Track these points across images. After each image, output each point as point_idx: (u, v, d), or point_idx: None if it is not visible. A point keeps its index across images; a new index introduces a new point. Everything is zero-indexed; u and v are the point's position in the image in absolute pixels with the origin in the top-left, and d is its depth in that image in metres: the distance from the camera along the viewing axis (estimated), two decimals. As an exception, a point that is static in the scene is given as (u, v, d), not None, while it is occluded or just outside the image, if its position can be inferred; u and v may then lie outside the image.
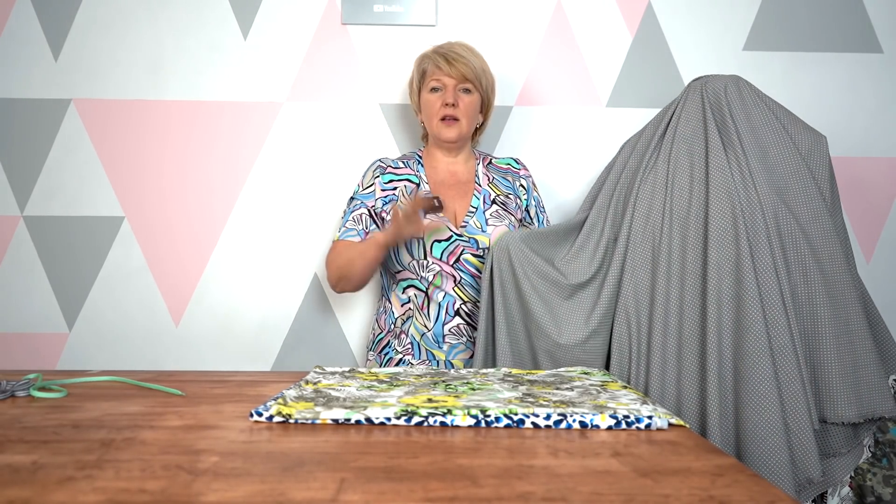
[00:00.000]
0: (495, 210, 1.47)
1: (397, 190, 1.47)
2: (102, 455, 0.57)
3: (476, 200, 1.47)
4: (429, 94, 1.48)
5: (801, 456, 1.11)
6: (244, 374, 1.05)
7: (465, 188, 1.50)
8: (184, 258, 1.76)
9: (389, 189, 1.47)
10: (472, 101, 1.48)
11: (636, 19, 1.79)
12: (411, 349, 1.40)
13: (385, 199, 1.46)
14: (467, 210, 1.46)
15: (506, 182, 1.53)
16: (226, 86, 1.77)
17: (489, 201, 1.48)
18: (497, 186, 1.51)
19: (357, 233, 1.44)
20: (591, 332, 1.26)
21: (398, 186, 1.47)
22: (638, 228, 1.31)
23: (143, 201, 1.76)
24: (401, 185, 1.48)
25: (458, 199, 1.49)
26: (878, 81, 1.78)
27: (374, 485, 0.49)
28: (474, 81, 1.46)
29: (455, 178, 1.51)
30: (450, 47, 1.48)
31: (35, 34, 1.76)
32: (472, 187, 1.51)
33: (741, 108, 1.30)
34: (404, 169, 1.51)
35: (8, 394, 0.84)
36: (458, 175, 1.52)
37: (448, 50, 1.47)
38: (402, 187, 1.47)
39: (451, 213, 1.46)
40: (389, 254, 1.42)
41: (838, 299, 1.20)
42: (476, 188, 1.50)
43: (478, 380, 0.93)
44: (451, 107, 1.44)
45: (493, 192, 1.50)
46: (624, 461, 0.56)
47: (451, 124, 1.46)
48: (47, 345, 1.76)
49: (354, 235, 1.44)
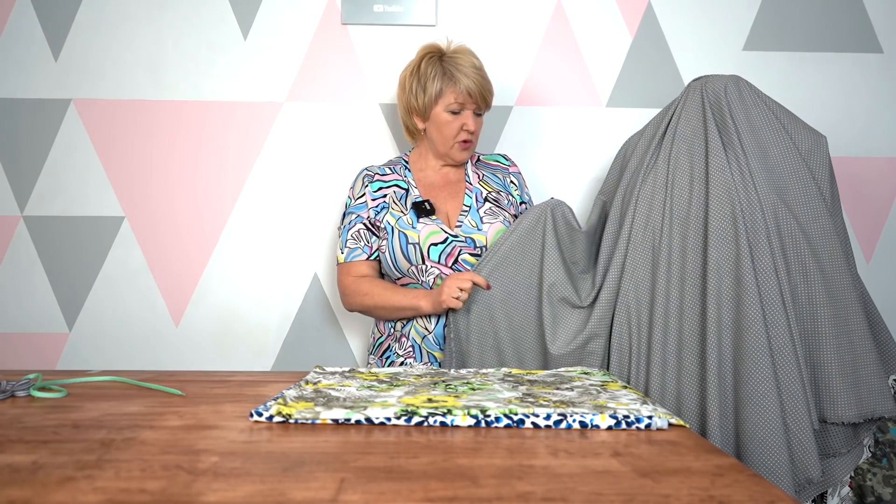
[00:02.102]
0: (489, 207, 1.46)
1: (387, 197, 1.46)
2: (102, 455, 0.57)
3: (468, 199, 1.47)
4: (446, 115, 1.44)
5: (801, 456, 1.11)
6: (244, 374, 1.05)
7: (456, 188, 1.50)
8: (184, 258, 1.76)
9: (380, 197, 1.46)
10: (482, 121, 1.50)
11: (636, 19, 1.79)
12: (412, 352, 1.39)
13: (377, 208, 1.45)
14: (460, 210, 1.46)
15: (496, 179, 1.53)
16: (226, 86, 1.77)
17: (482, 199, 1.48)
18: (488, 184, 1.51)
19: (362, 250, 1.44)
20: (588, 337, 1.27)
21: (387, 193, 1.47)
22: (638, 228, 1.31)
23: (144, 201, 1.76)
24: (390, 191, 1.47)
25: (450, 199, 1.48)
26: (877, 81, 1.78)
27: (374, 485, 0.49)
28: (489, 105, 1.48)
29: (445, 179, 1.51)
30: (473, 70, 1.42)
31: (35, 34, 1.76)
32: (462, 186, 1.50)
33: (741, 107, 1.30)
34: (392, 175, 1.50)
35: (8, 394, 0.84)
36: (448, 175, 1.52)
37: (474, 77, 1.42)
38: (392, 193, 1.47)
39: (443, 214, 1.46)
40: (387, 261, 1.42)
41: (838, 299, 1.20)
42: (467, 187, 1.49)
43: (478, 380, 0.93)
44: (470, 133, 1.45)
45: (485, 189, 1.49)
46: (624, 461, 0.56)
47: (467, 147, 1.47)
48: (47, 345, 1.76)
49: (360, 254, 1.44)
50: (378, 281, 1.43)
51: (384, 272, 1.48)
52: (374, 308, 1.41)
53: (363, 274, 1.45)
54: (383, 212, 1.45)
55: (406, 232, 1.41)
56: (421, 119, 1.48)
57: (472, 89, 1.41)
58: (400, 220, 1.42)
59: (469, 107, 1.43)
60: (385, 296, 1.39)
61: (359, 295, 1.42)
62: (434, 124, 1.46)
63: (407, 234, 1.40)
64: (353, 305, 1.45)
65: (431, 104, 1.44)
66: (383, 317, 1.44)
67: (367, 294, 1.41)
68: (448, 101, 1.42)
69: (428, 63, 1.45)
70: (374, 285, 1.41)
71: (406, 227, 1.41)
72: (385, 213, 1.44)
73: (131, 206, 1.76)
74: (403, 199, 1.46)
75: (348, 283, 1.44)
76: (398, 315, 1.40)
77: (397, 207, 1.44)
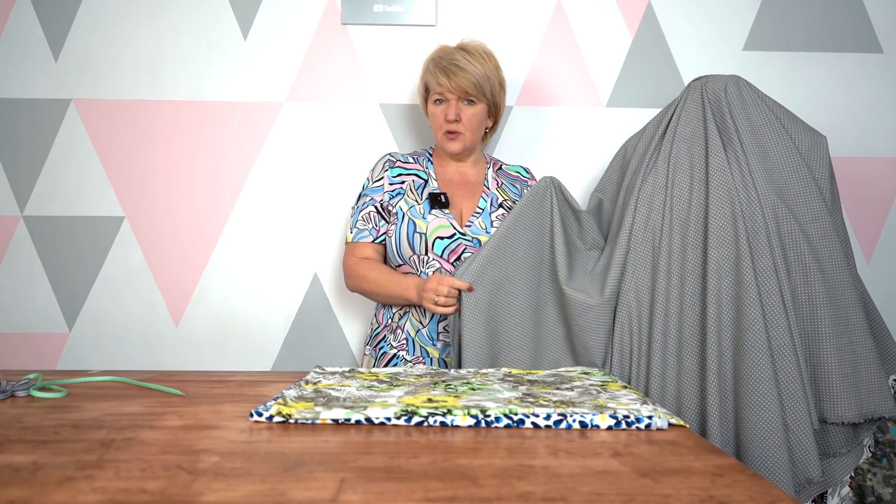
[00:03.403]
0: (501, 213, 1.47)
1: (405, 184, 1.47)
2: (102, 455, 0.57)
3: (483, 202, 1.48)
4: (434, 107, 1.48)
5: (801, 456, 1.11)
6: (244, 374, 1.05)
7: (474, 189, 1.51)
8: (184, 258, 1.76)
9: (398, 182, 1.48)
10: (476, 112, 1.46)
11: (636, 19, 1.79)
12: (406, 345, 1.40)
13: (393, 192, 1.47)
14: (474, 210, 1.47)
15: (514, 189, 1.54)
16: (226, 86, 1.77)
17: (496, 204, 1.49)
18: (505, 191, 1.52)
19: (369, 232, 1.47)
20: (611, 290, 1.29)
21: (406, 181, 1.48)
22: (638, 228, 1.31)
23: (144, 201, 1.76)
24: (409, 179, 1.49)
25: (467, 198, 1.50)
26: (877, 81, 1.78)
27: (374, 485, 0.49)
28: (476, 93, 1.44)
29: (464, 179, 1.53)
30: (451, 59, 1.44)
31: (35, 34, 1.76)
32: (480, 189, 1.52)
33: (741, 107, 1.30)
34: (414, 164, 1.52)
35: (8, 394, 0.84)
36: (467, 176, 1.53)
37: (449, 63, 1.43)
38: (411, 181, 1.48)
39: (457, 210, 1.47)
40: (392, 247, 1.44)
41: (838, 299, 1.20)
42: (485, 190, 1.51)
43: (478, 380, 0.93)
44: (453, 122, 1.44)
45: (501, 196, 1.50)
46: (624, 461, 0.56)
47: (455, 138, 1.46)
48: (47, 345, 1.76)
49: (367, 236, 1.47)
50: (377, 265, 1.45)
51: (388, 257, 1.49)
52: (370, 292, 1.44)
53: (366, 256, 1.47)
54: (398, 197, 1.46)
55: (415, 220, 1.42)
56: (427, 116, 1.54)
57: (451, 74, 1.42)
58: (412, 209, 1.44)
59: (450, 97, 1.44)
60: (379, 280, 1.41)
61: (356, 277, 1.45)
62: (430, 119, 1.52)
63: (416, 223, 1.42)
64: (353, 286, 1.48)
65: (425, 101, 1.52)
66: (379, 301, 1.47)
67: (364, 277, 1.43)
68: (434, 94, 1.47)
69: (426, 63, 1.51)
70: (372, 269, 1.43)
71: (416, 216, 1.43)
72: (400, 198, 1.46)
73: (131, 206, 1.76)
74: (421, 189, 1.47)
75: (351, 262, 1.47)
76: (391, 301, 1.43)
77: (413, 196, 1.46)
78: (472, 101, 1.45)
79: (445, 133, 1.46)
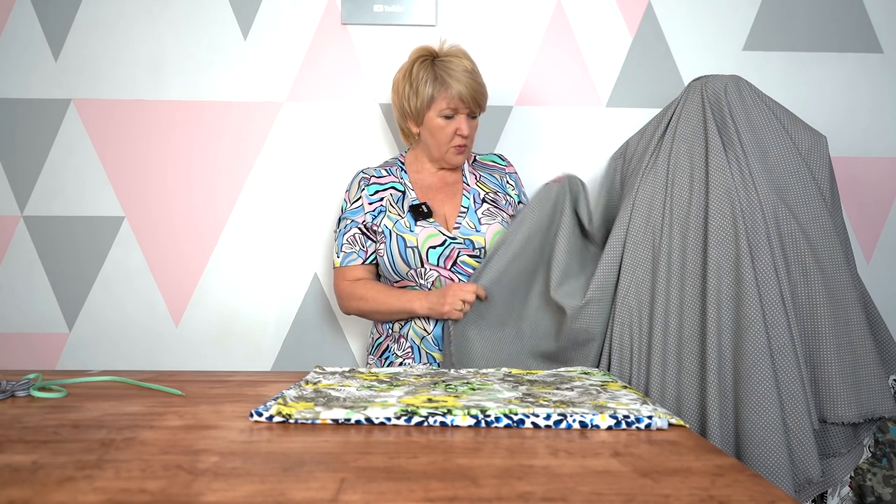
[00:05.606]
0: (486, 209, 1.46)
1: (384, 200, 1.45)
2: (102, 455, 0.57)
3: (466, 200, 1.46)
4: (439, 120, 1.42)
5: (801, 456, 1.11)
6: (244, 374, 1.05)
7: (454, 189, 1.49)
8: (184, 258, 1.76)
9: (377, 201, 1.45)
10: (477, 123, 1.47)
11: (636, 19, 1.79)
12: (411, 353, 1.39)
13: (374, 212, 1.44)
14: (458, 211, 1.45)
15: (493, 179, 1.52)
16: (226, 86, 1.77)
17: (479, 200, 1.47)
18: (485, 184, 1.50)
19: (357, 254, 1.44)
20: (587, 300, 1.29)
21: (384, 196, 1.46)
22: (638, 228, 1.31)
23: (144, 201, 1.76)
24: (386, 194, 1.46)
25: (448, 201, 1.47)
26: (877, 81, 1.78)
27: (374, 485, 0.49)
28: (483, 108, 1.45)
29: (443, 181, 1.50)
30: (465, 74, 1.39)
31: (35, 34, 1.76)
32: (460, 188, 1.49)
33: (741, 107, 1.30)
34: (388, 177, 1.49)
35: (8, 394, 0.84)
36: (444, 177, 1.51)
37: (466, 81, 1.39)
38: (389, 196, 1.46)
39: (441, 216, 1.45)
40: (386, 265, 1.42)
41: (838, 299, 1.20)
42: (465, 188, 1.48)
43: (478, 380, 0.93)
44: (464, 137, 1.43)
45: (482, 190, 1.49)
46: (624, 461, 0.56)
47: (461, 151, 1.45)
48: (47, 345, 1.76)
49: (355, 259, 1.44)
50: (373, 283, 1.43)
51: (382, 275, 1.47)
52: (370, 312, 1.42)
53: (358, 277, 1.45)
54: (381, 216, 1.43)
55: (404, 235, 1.40)
56: (415, 123, 1.46)
57: (464, 94, 1.38)
58: (398, 224, 1.41)
59: (462, 111, 1.41)
60: (379, 299, 1.39)
61: (354, 299, 1.42)
62: (427, 129, 1.44)
63: (405, 238, 1.40)
64: (350, 309, 1.45)
65: (424, 109, 1.42)
66: (380, 319, 1.45)
67: (363, 298, 1.41)
68: (441, 107, 1.40)
69: (420, 67, 1.42)
70: (369, 289, 1.41)
71: (404, 231, 1.40)
72: (382, 216, 1.43)
73: (131, 206, 1.76)
74: (400, 202, 1.45)
75: (344, 287, 1.45)
76: (394, 318, 1.41)
77: (394, 210, 1.44)
78: (475, 115, 1.45)
79: (455, 147, 1.44)
